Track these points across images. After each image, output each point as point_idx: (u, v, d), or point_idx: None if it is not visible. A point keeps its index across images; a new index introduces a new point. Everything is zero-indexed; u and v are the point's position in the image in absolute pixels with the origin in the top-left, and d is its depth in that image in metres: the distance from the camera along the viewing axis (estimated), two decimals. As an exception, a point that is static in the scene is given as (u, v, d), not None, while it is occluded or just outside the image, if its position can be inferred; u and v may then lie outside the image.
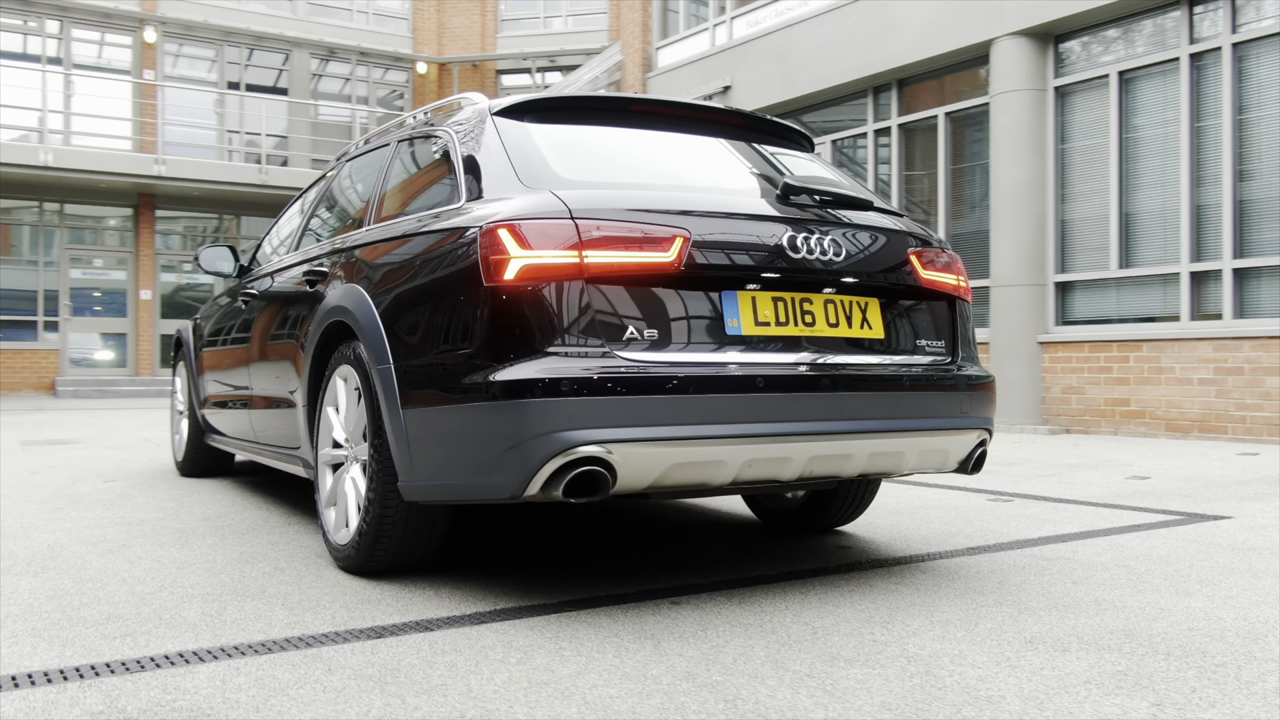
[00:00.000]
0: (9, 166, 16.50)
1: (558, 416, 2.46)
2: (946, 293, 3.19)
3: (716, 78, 11.79)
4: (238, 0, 20.10)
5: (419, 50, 21.56)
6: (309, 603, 2.81)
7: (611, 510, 4.55)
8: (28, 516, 4.31)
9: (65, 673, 2.17)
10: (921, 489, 5.42)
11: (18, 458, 6.97)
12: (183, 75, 20.03)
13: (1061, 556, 3.54)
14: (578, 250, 2.57)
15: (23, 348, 17.84)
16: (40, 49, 18.45)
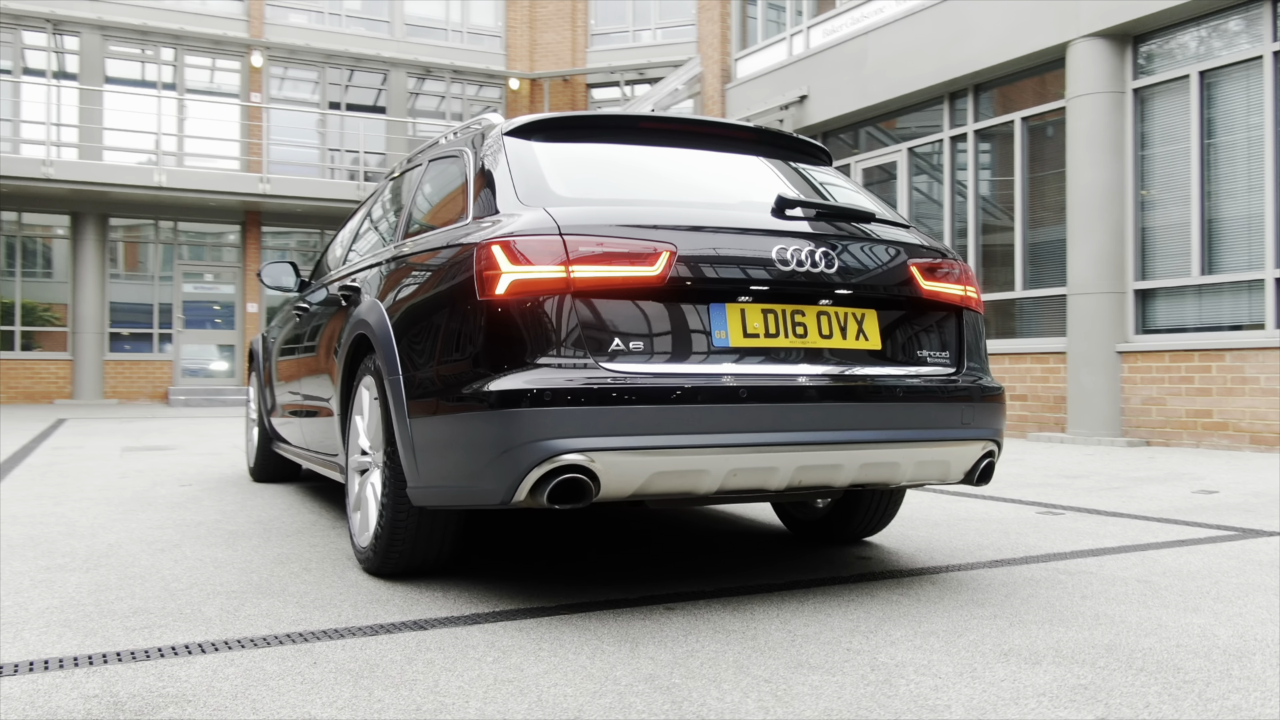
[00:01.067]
0: (127, 188, 17.44)
1: (542, 426, 2.55)
2: (952, 303, 3.18)
3: (793, 87, 11.77)
4: (339, 24, 20.86)
5: (511, 67, 22.01)
6: (321, 601, 2.96)
7: (647, 519, 4.63)
8: (101, 517, 4.60)
9: (78, 660, 2.35)
10: (971, 501, 5.35)
11: (114, 462, 7.40)
12: (287, 97, 20.87)
13: (1085, 571, 3.48)
14: (565, 266, 2.66)
15: (140, 359, 18.80)
16: (156, 75, 19.46)
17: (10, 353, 17.98)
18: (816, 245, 2.90)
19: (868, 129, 11.29)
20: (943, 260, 3.20)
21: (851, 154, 11.45)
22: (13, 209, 18.20)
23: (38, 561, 3.54)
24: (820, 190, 3.41)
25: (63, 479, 6.23)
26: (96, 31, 18.74)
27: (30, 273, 18.78)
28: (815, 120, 11.50)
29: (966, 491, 5.76)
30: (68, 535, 4.10)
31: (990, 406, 3.16)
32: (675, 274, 2.73)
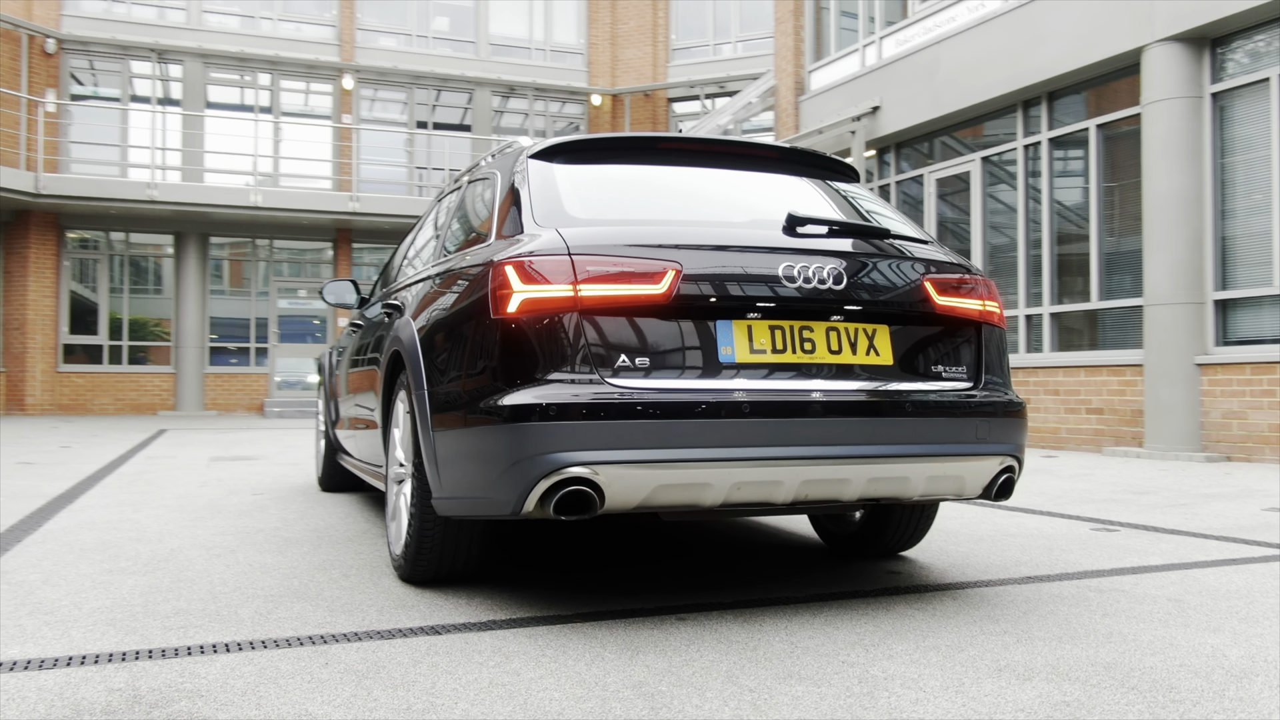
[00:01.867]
0: (226, 208, 18.18)
1: (549, 439, 2.65)
2: (970, 319, 3.18)
3: (866, 98, 11.70)
4: (426, 45, 21.44)
5: (593, 83, 22.31)
6: (351, 606, 3.09)
7: (688, 529, 4.68)
8: (171, 524, 4.85)
9: (112, 656, 2.52)
10: (1024, 516, 5.27)
11: (198, 472, 7.75)
12: (377, 118, 21.51)
13: (1117, 589, 3.42)
14: (573, 285, 2.75)
15: (237, 372, 19.56)
16: (254, 100, 20.27)
17: (119, 366, 18.88)
18: (825, 262, 2.94)
19: (942, 139, 11.15)
20: (960, 276, 3.20)
21: (925, 164, 11.33)
22: (121, 229, 19.13)
23: (103, 565, 3.76)
24: (840, 208, 3.44)
25: (147, 487, 6.57)
26: (198, 60, 19.61)
27: (140, 289, 19.71)
28: (888, 131, 11.41)
29: (1021, 506, 5.67)
30: (136, 540, 4.34)
31: (1009, 422, 3.15)
32: (680, 292, 2.79)
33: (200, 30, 19.76)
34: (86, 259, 19.25)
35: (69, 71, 19.07)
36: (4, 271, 18.22)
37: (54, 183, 17.28)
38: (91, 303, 19.13)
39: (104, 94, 19.70)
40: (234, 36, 19.97)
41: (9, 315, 18.17)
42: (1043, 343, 9.73)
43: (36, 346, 18.12)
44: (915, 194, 11.45)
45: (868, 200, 3.63)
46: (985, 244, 10.53)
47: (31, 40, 18.32)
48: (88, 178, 18.15)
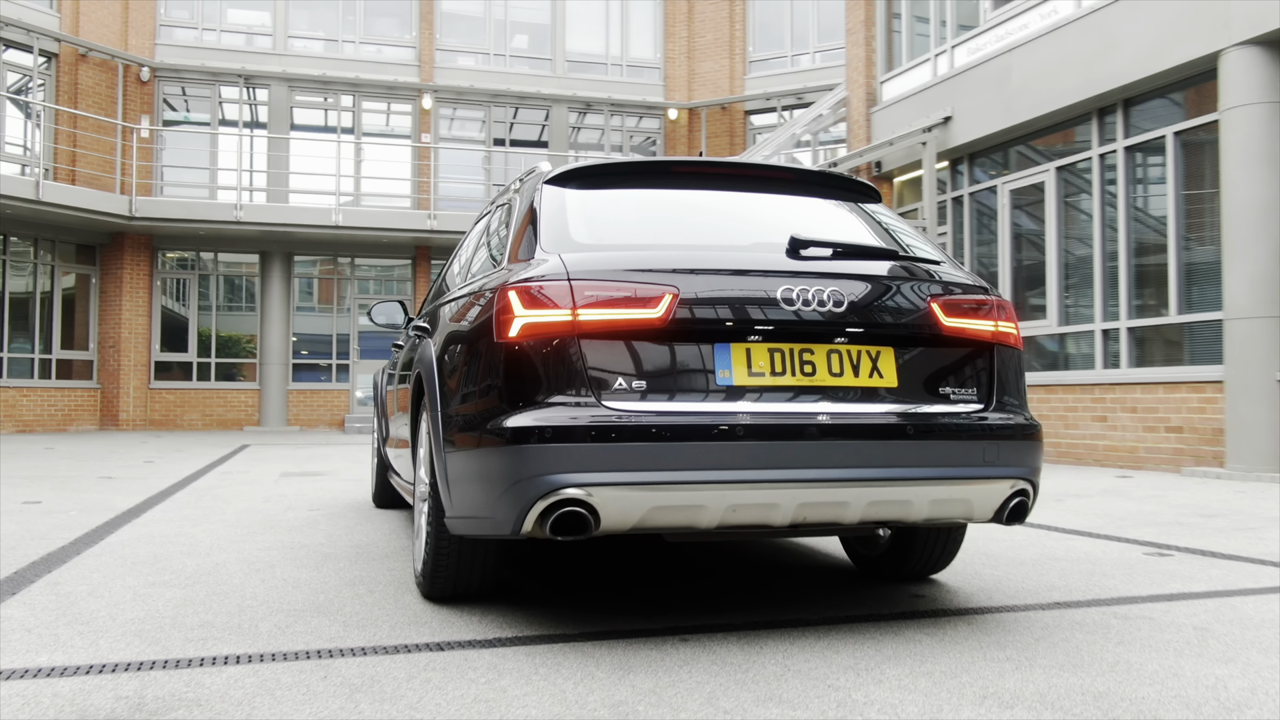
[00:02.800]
0: (309, 227, 18.80)
1: (546, 461, 2.74)
2: (981, 340, 3.18)
3: (937, 109, 11.58)
4: (504, 64, 21.87)
5: (670, 98, 22.47)
6: (367, 621, 3.23)
7: (716, 551, 4.72)
8: (224, 539, 5.07)
9: (130, 665, 2.69)
10: (1076, 539, 5.19)
11: (266, 487, 8.05)
12: (455, 136, 22.01)
13: (1145, 616, 3.37)
14: (572, 310, 2.85)
15: (320, 388, 20.16)
16: (336, 121, 20.94)
17: (207, 383, 19.64)
18: (826, 285, 2.97)
19: (1017, 148, 10.98)
20: (971, 296, 3.20)
21: (1000, 175, 11.16)
22: (210, 249, 19.93)
23: (148, 577, 3.98)
24: (850, 229, 3.47)
25: (214, 501, 6.86)
26: (284, 84, 20.36)
27: (228, 307, 20.49)
28: (960, 141, 11.28)
29: (1077, 529, 5.57)
30: (186, 554, 4.56)
31: (1020, 444, 3.14)
32: (677, 315, 2.86)
33: (286, 55, 20.51)
34: (177, 278, 20.09)
35: (162, 98, 19.97)
36: (101, 292, 19.13)
37: (146, 205, 18.11)
38: (182, 321, 19.95)
39: (195, 119, 20.58)
40: (317, 60, 20.67)
41: (104, 334, 19.06)
42: (1120, 358, 9.50)
43: (130, 364, 18.96)
44: (989, 205, 11.29)
45: (885, 221, 3.65)
46: (1061, 256, 10.33)
47: (127, 69, 19.25)
48: (178, 200, 18.97)
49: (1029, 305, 10.79)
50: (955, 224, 11.75)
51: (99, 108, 18.73)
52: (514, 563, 4.38)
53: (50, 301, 18.27)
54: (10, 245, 17.69)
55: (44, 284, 18.20)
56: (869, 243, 3.25)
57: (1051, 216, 10.35)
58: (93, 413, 18.85)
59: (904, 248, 3.40)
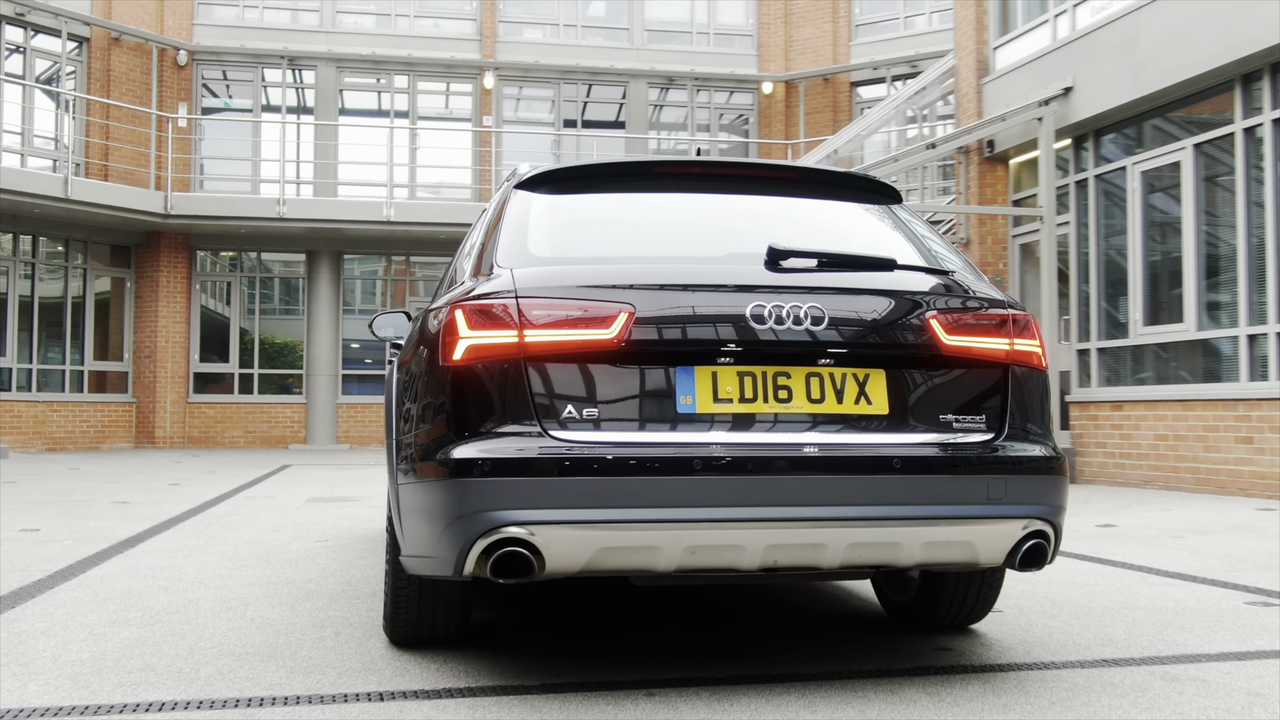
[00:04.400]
0: (358, 224, 19.36)
1: (486, 497, 2.88)
2: (991, 360, 3.20)
3: (1056, 79, 11.38)
4: (575, 35, 22.19)
5: (764, 69, 22.49)
6: (316, 667, 3.41)
7: (736, 593, 4.79)
8: (211, 573, 5.34)
9: (47, 710, 2.92)
10: (1176, 584, 5.14)
11: (285, 515, 8.38)
12: (521, 118, 22.42)
13: (1199, 678, 3.35)
14: (518, 330, 2.97)
15: (372, 401, 20.69)
16: (389, 104, 21.53)
17: (249, 396, 20.37)
18: (805, 300, 3.04)
19: (1152, 122, 10.73)
20: (980, 312, 3.22)
21: (1130, 154, 10.92)
22: (253, 249, 20.69)
23: (111, 615, 4.24)
24: (848, 236, 3.52)
25: (220, 530, 7.19)
26: (331, 64, 21.03)
27: (273, 313, 21.25)
28: (1082, 116, 11.07)
29: (1182, 572, 5.48)
30: (163, 590, 4.83)
31: (1037, 479, 3.15)
32: (632, 336, 2.96)
33: (333, 33, 21.17)
34: (217, 281, 20.90)
35: (200, 84, 20.81)
36: (135, 296, 20.02)
37: (183, 202, 18.91)
38: (223, 328, 20.74)
39: (236, 105, 21.39)
40: (367, 38, 21.28)
41: (140, 342, 19.93)
42: (1269, 369, 9.21)
43: (167, 375, 19.78)
44: (1119, 188, 11.05)
45: (901, 226, 3.68)
46: (1200, 248, 10.06)
47: (162, 53, 20.13)
48: (217, 196, 19.76)
49: (1163, 306, 10.54)
50: (1079, 211, 11.53)
51: (133, 96, 19.63)
52: (500, 605, 4.52)
53: (82, 308, 19.19)
54: (40, 247, 18.65)
55: (75, 289, 19.13)
56: (861, 252, 3.30)
57: (1189, 201, 10.10)
58: (128, 429, 19.73)
59: (915, 255, 3.43)
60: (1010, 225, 12.65)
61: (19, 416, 17.96)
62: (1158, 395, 10.30)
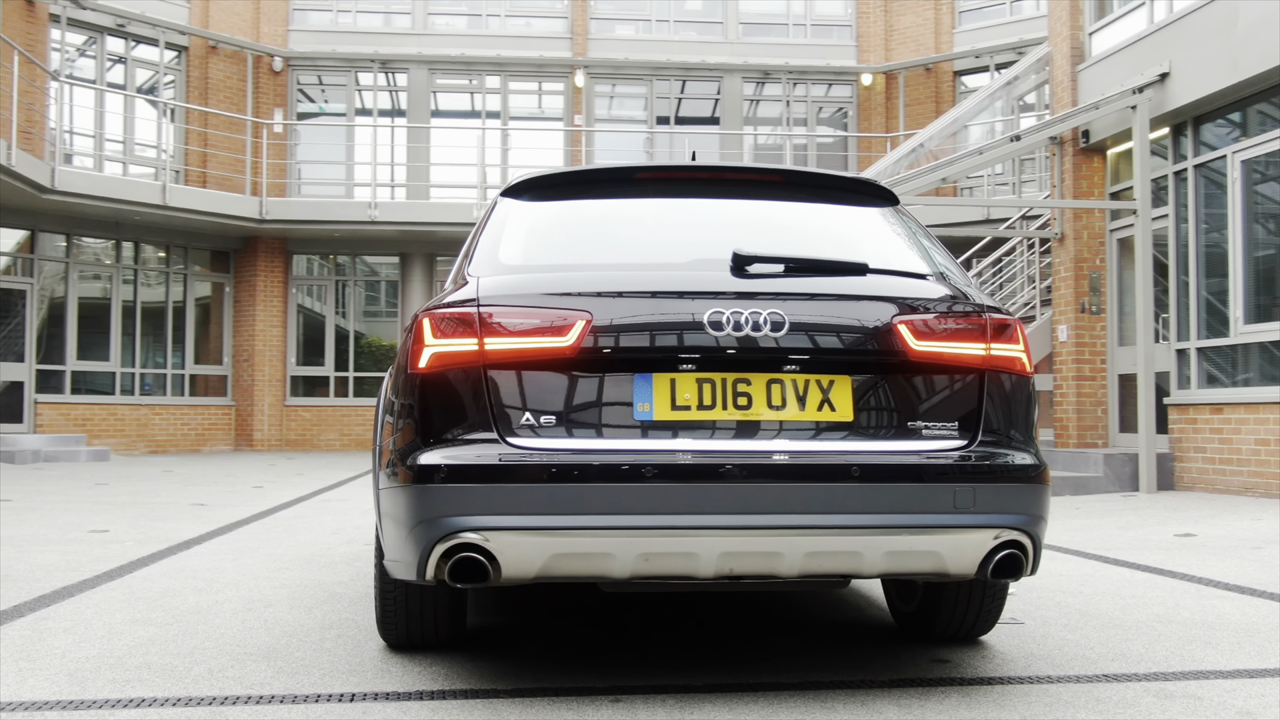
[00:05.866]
0: (449, 226, 19.73)
1: (447, 502, 3.01)
2: (966, 366, 3.20)
3: (1151, 64, 11.07)
4: (667, 31, 22.31)
5: (863, 60, 22.29)
6: (304, 668, 3.59)
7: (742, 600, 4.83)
8: (251, 575, 5.59)
9: (32, 705, 3.13)
10: (1227, 596, 5.11)
11: (349, 517, 8.67)
12: (614, 116, 22.63)
13: (1191, 695, 3.33)
14: (478, 338, 3.09)
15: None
16: (481, 105, 21.94)
17: (345, 399, 20.97)
18: (766, 306, 3.09)
19: (1257, 107, 10.38)
20: (952, 316, 3.23)
21: (1231, 142, 10.57)
22: (347, 252, 21.29)
23: (136, 615, 4.49)
24: (831, 241, 3.55)
25: (282, 533, 7.49)
26: (423, 66, 21.52)
27: (369, 316, 21.83)
28: (1180, 102, 10.75)
29: (1242, 583, 5.38)
30: (197, 590, 5.08)
31: (1011, 488, 3.15)
32: (589, 344, 3.06)
33: (425, 35, 21.66)
34: (314, 285, 21.56)
35: (296, 90, 21.50)
36: (234, 301, 20.78)
37: (278, 206, 19.56)
38: (319, 332, 21.38)
39: (331, 110, 22.05)
40: (459, 39, 21.72)
41: (238, 346, 20.69)
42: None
43: (264, 379, 20.49)
44: (1220, 178, 10.72)
45: (889, 229, 3.69)
46: (1306, 241, 9.72)
47: (257, 61, 20.86)
48: (310, 200, 20.38)
49: (1267, 303, 10.19)
50: (1178, 203, 11.21)
51: (229, 103, 20.37)
52: (501, 610, 4.65)
53: (183, 312, 20.01)
54: (142, 253, 19.51)
55: (176, 294, 19.96)
56: (830, 256, 3.33)
57: (1294, 192, 9.75)
58: (227, 432, 20.49)
59: (894, 260, 3.45)
60: (1108, 219, 12.36)
61: (122, 420, 18.82)
62: (1260, 397, 9.96)
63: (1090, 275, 12.34)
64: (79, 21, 18.85)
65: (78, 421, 18.19)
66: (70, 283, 18.51)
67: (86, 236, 18.86)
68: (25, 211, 17.28)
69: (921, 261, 3.51)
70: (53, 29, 18.52)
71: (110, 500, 9.98)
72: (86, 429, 18.10)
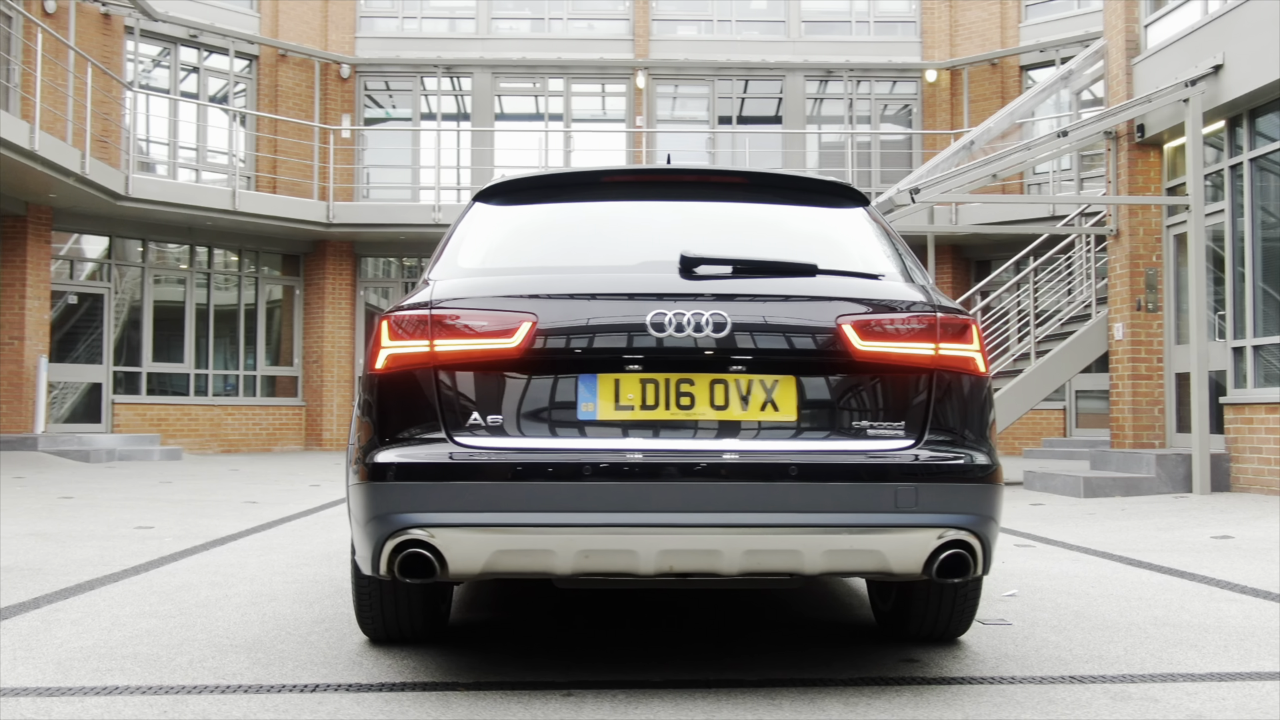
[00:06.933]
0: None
1: (394, 500, 3.11)
2: (910, 365, 3.21)
3: (1205, 56, 10.82)
4: (730, 31, 22.29)
5: (928, 56, 22.06)
6: (279, 660, 3.71)
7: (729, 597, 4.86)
8: (272, 569, 5.76)
9: (13, 690, 3.28)
10: (1240, 599, 5.04)
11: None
12: (677, 117, 22.68)
13: (1148, 697, 3.32)
14: (430, 340, 3.18)
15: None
16: (545, 108, 22.13)
17: (411, 399, 21.28)
18: (708, 307, 3.13)
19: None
20: (899, 316, 3.23)
21: (1291, 135, 10.31)
22: (413, 255, 21.62)
23: (145, 607, 4.66)
24: (789, 242, 3.58)
25: (317, 530, 7.68)
26: (487, 71, 21.77)
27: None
28: (1234, 95, 10.49)
29: (1259, 587, 5.27)
30: (210, 585, 5.25)
31: (956, 488, 3.16)
32: (535, 345, 3.13)
33: (489, 39, 21.91)
34: (381, 287, 21.93)
35: (363, 96, 21.89)
36: (304, 303, 21.22)
37: (344, 211, 19.93)
38: (386, 333, 21.73)
39: (398, 115, 22.41)
40: (522, 42, 21.93)
41: (309, 348, 21.13)
42: None
43: (333, 380, 20.90)
44: (1277, 171, 10.45)
45: (852, 229, 3.71)
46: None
47: (325, 68, 21.28)
48: (376, 204, 20.75)
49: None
50: (1234, 198, 10.95)
51: (298, 109, 20.82)
52: (490, 607, 4.74)
53: (254, 315, 20.50)
54: (215, 258, 20.03)
55: (248, 297, 20.45)
56: (778, 258, 3.35)
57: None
58: (298, 432, 20.94)
59: (847, 261, 3.47)
60: (1165, 215, 12.10)
61: (196, 420, 19.34)
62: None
63: (1146, 272, 12.09)
64: (153, 33, 19.41)
65: (153, 422, 18.73)
66: (146, 287, 19.07)
67: (161, 242, 19.40)
68: (103, 218, 17.85)
69: (879, 262, 3.52)
70: (128, 41, 19.10)
71: (167, 498, 10.27)
72: (161, 429, 18.62)
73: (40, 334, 17.04)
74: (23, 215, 16.72)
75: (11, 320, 16.78)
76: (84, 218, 17.67)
